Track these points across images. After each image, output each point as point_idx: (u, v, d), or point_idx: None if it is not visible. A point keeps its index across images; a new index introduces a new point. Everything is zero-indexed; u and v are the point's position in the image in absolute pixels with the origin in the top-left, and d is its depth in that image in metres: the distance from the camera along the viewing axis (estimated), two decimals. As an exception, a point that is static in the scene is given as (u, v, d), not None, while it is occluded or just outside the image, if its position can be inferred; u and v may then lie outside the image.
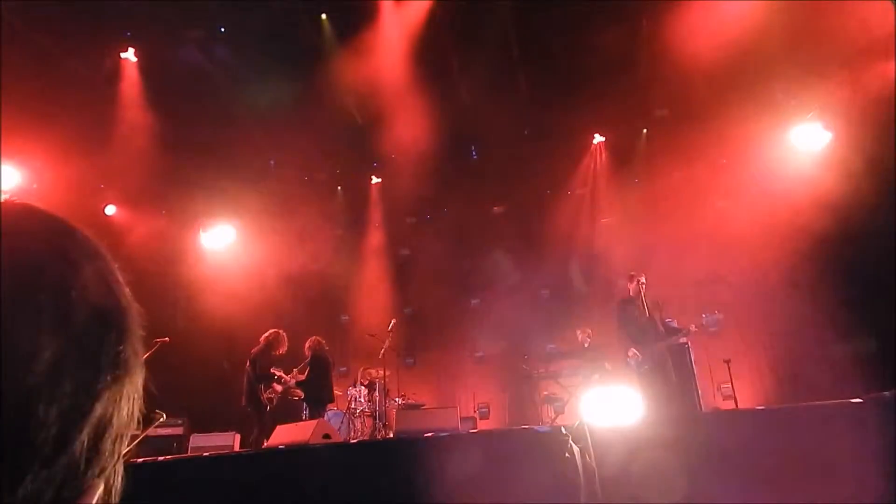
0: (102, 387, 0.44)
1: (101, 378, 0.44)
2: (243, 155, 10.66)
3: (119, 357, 0.46)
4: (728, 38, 7.85)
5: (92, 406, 0.43)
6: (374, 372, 8.49)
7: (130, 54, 9.10)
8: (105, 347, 0.45)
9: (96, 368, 0.44)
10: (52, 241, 0.46)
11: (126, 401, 0.46)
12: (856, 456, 3.20)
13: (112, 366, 0.45)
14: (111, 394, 0.45)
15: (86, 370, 0.43)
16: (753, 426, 3.85)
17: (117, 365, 0.45)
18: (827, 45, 7.15)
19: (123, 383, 0.46)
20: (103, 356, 0.45)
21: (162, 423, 2.75)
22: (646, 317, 6.84)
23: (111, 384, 0.45)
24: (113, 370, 0.45)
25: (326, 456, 4.12)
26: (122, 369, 0.46)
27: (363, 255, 11.45)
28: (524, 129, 10.96)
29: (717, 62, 8.17)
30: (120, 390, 0.46)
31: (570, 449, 3.31)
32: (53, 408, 0.40)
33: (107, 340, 0.45)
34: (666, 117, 10.18)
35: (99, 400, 0.43)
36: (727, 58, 8.11)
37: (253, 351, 7.55)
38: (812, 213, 8.05)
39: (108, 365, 0.45)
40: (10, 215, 0.45)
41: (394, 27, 8.93)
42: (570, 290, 10.17)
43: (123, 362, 0.46)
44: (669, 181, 9.77)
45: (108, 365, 0.45)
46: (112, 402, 0.45)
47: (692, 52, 8.01)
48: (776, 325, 8.63)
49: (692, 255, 8.82)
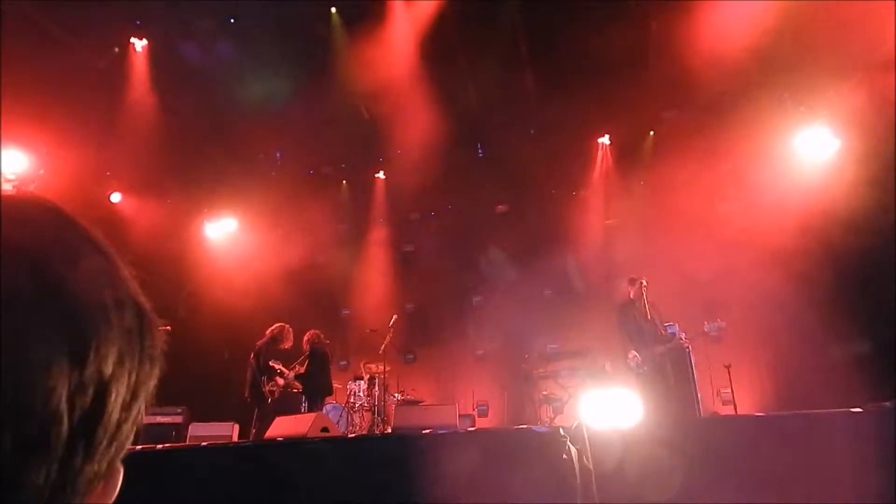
0: (125, 381, 0.44)
1: (123, 373, 0.44)
2: (249, 147, 10.68)
3: (145, 353, 0.47)
4: (737, 42, 7.82)
5: (112, 401, 0.43)
6: (374, 367, 8.51)
7: (139, 43, 9.10)
8: (138, 343, 0.46)
9: (150, 359, 0.46)
10: (65, 233, 0.46)
11: (143, 397, 0.47)
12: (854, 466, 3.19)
13: (137, 362, 0.46)
14: (130, 389, 0.45)
15: (110, 365, 0.43)
16: (751, 432, 3.85)
17: (142, 361, 0.46)
18: (836, 51, 7.12)
19: (144, 380, 0.47)
20: (137, 350, 0.46)
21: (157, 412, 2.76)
22: (646, 320, 6.84)
23: (132, 379, 0.45)
24: (137, 366, 0.46)
25: (324, 449, 4.13)
26: (146, 365, 0.47)
27: (366, 250, 11.45)
28: (530, 129, 10.93)
29: (726, 65, 8.14)
30: (139, 386, 0.46)
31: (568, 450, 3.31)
32: (77, 400, 0.40)
33: (138, 336, 0.46)
34: (673, 120, 10.14)
35: (119, 395, 0.44)
36: (735, 61, 8.08)
37: (258, 343, 7.58)
38: (817, 220, 8.03)
39: (132, 361, 0.45)
40: (18, 206, 0.45)
41: (403, 22, 8.92)
42: (571, 290, 10.16)
43: (149, 358, 0.47)
44: (675, 184, 9.73)
45: (132, 361, 0.45)
46: (130, 397, 0.45)
47: (700, 54, 7.97)
48: (778, 331, 8.60)
49: (695, 258, 8.79)
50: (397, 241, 11.64)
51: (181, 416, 8.38)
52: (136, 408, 0.46)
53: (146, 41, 9.10)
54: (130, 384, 0.45)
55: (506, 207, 11.50)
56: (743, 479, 3.42)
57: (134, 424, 0.46)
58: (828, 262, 7.82)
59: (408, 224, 11.78)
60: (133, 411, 0.45)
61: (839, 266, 7.74)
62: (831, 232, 7.87)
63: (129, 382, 0.45)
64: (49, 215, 0.47)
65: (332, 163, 11.78)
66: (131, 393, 0.45)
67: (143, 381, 0.46)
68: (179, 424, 8.19)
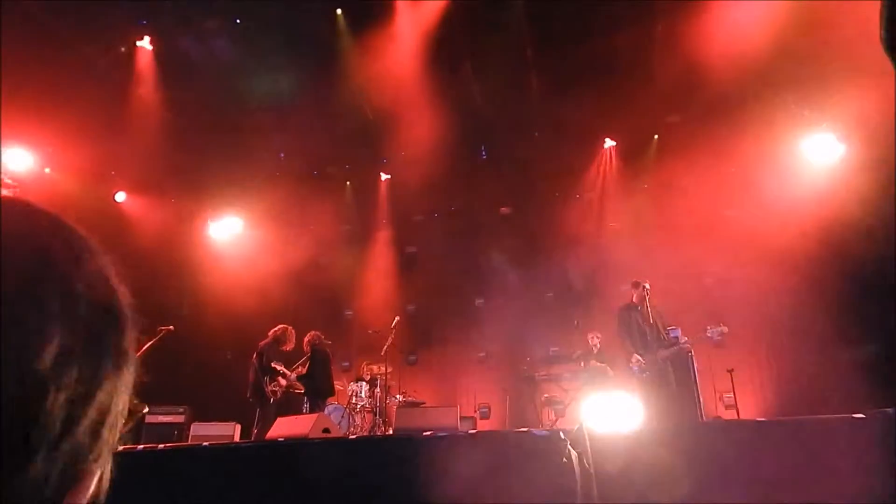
0: (105, 375, 0.46)
1: (105, 367, 0.46)
2: (253, 147, 10.70)
3: (120, 348, 0.48)
4: (742, 46, 7.81)
5: (96, 393, 0.44)
6: (375, 368, 8.51)
7: (145, 42, 9.13)
8: (108, 338, 0.47)
9: (100, 357, 0.46)
10: (54, 236, 0.47)
11: (124, 390, 0.48)
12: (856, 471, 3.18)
13: (114, 356, 0.47)
14: (112, 382, 0.46)
15: (91, 359, 0.44)
16: (753, 437, 3.83)
17: (119, 355, 0.47)
18: (842, 56, 7.10)
19: (123, 373, 0.48)
20: (107, 346, 0.46)
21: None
22: (649, 324, 6.83)
23: (113, 373, 0.46)
24: (115, 360, 0.47)
25: (325, 450, 4.13)
26: (122, 360, 0.48)
27: (369, 251, 11.46)
28: (535, 131, 10.94)
29: (731, 70, 8.13)
30: (119, 379, 0.47)
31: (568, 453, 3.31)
32: (62, 394, 0.42)
33: (110, 331, 0.47)
34: (678, 124, 10.14)
35: (102, 388, 0.45)
36: (741, 66, 8.07)
37: (260, 344, 7.59)
38: (822, 225, 8.01)
39: (111, 355, 0.47)
40: (11, 212, 0.46)
41: (408, 24, 8.94)
42: (574, 293, 10.15)
43: (124, 353, 0.48)
44: (679, 188, 9.73)
45: (111, 355, 0.47)
46: (112, 390, 0.46)
47: (706, 58, 7.97)
48: (781, 336, 8.58)
49: (699, 262, 8.78)
50: (400, 242, 11.64)
51: (183, 415, 8.40)
52: (93, 407, 0.44)
53: (151, 41, 9.14)
54: (122, 379, 0.47)
55: (509, 210, 11.49)
56: (745, 483, 3.41)
57: (100, 427, 0.45)
58: (832, 268, 7.81)
59: (411, 225, 11.78)
60: (88, 411, 0.44)
61: (843, 271, 7.72)
62: (836, 237, 7.85)
63: (121, 377, 0.47)
64: (45, 219, 0.48)
65: (336, 163, 11.80)
66: (122, 388, 0.47)
67: (100, 380, 0.46)
68: (181, 424, 8.21)
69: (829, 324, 7.66)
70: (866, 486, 3.11)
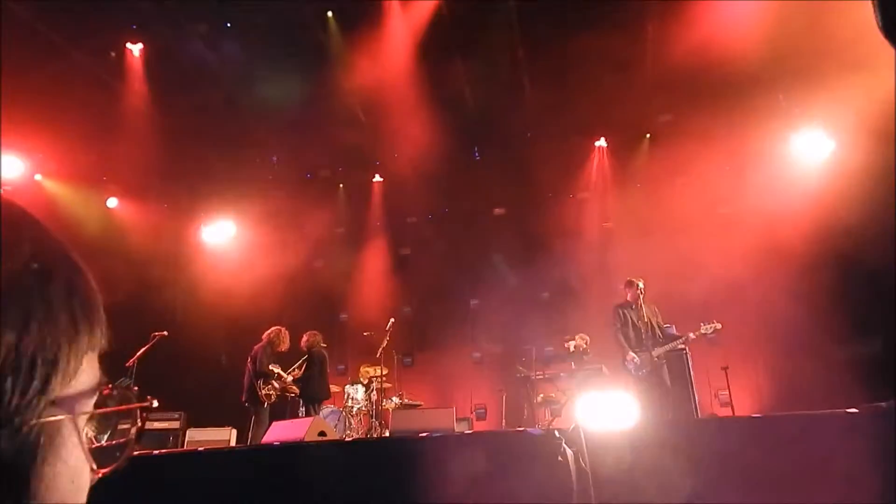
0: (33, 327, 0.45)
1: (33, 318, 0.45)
2: (246, 151, 10.67)
3: (53, 302, 0.47)
4: (732, 45, 7.86)
5: (18, 342, 0.44)
6: (371, 370, 8.49)
7: (136, 47, 9.10)
8: (37, 291, 0.46)
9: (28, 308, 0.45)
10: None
11: (30, 350, 0.46)
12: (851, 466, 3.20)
13: (45, 308, 0.46)
14: (40, 336, 0.45)
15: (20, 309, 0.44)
16: (748, 433, 3.86)
17: (50, 307, 0.47)
18: (831, 53, 7.16)
19: (58, 329, 0.47)
20: (35, 298, 0.46)
21: (156, 408, 2.76)
22: (643, 322, 6.86)
23: (41, 327, 0.45)
24: (46, 313, 0.46)
25: (321, 453, 4.13)
26: (55, 314, 0.47)
27: (363, 254, 11.45)
28: (527, 132, 10.96)
29: (722, 68, 8.19)
30: (52, 337, 0.46)
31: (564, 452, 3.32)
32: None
33: (38, 285, 0.46)
34: (669, 123, 10.18)
35: (27, 336, 0.44)
36: (731, 64, 8.12)
37: (255, 347, 7.56)
38: (813, 222, 8.06)
39: (41, 307, 0.46)
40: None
41: (399, 26, 8.95)
42: (569, 293, 10.16)
43: (52, 317, 0.47)
44: (672, 187, 9.77)
45: (41, 307, 0.46)
46: (41, 344, 0.45)
47: (697, 57, 8.01)
48: (775, 333, 8.62)
49: (692, 260, 8.82)
50: (394, 244, 11.63)
51: (178, 421, 8.36)
52: (33, 368, 0.45)
53: (143, 45, 9.10)
54: (59, 338, 0.46)
55: (503, 210, 11.51)
56: (741, 479, 3.43)
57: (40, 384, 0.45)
58: (824, 264, 7.86)
59: (405, 227, 11.77)
60: (35, 373, 0.45)
61: (836, 267, 7.78)
62: (828, 233, 7.91)
63: (56, 335, 0.46)
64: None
65: (329, 166, 11.79)
66: (60, 347, 0.47)
67: (76, 343, 0.47)
68: (177, 430, 8.17)
69: (824, 320, 7.71)
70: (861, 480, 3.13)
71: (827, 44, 7.00)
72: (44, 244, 0.49)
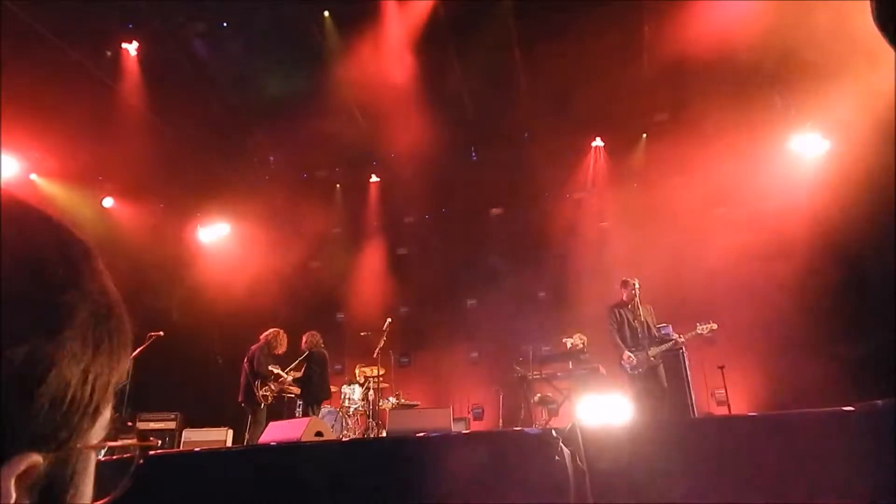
0: (59, 355, 0.44)
1: (61, 346, 0.44)
2: (243, 151, 10.65)
3: (85, 329, 0.47)
4: (729, 45, 7.88)
5: (47, 371, 0.43)
6: (368, 370, 8.48)
7: (132, 47, 9.06)
8: (64, 314, 0.46)
9: (58, 335, 0.44)
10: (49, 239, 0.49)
11: (92, 379, 0.47)
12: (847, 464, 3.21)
13: (80, 337, 0.46)
14: (71, 365, 0.45)
15: (44, 335, 0.44)
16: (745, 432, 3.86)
17: (85, 337, 0.46)
18: (826, 54, 7.17)
19: (88, 359, 0.47)
20: (65, 322, 0.45)
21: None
22: (639, 321, 6.87)
23: (72, 355, 0.45)
24: (82, 341, 0.46)
25: (318, 454, 4.12)
26: (90, 343, 0.47)
27: (360, 254, 11.44)
28: (524, 132, 10.97)
29: (718, 68, 8.21)
30: (85, 365, 0.46)
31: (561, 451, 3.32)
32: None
33: (66, 310, 0.46)
34: (666, 122, 10.21)
35: (55, 367, 0.44)
36: (728, 64, 8.14)
37: (252, 348, 7.55)
38: (809, 221, 8.09)
39: (71, 335, 0.45)
40: (8, 207, 0.46)
41: (396, 26, 8.94)
42: (566, 292, 10.17)
43: (95, 338, 0.47)
44: (668, 186, 9.80)
45: (71, 335, 0.45)
46: (70, 374, 0.45)
47: (693, 57, 8.03)
48: (772, 332, 8.65)
49: (689, 260, 8.84)
50: (391, 244, 11.63)
51: (175, 421, 8.35)
52: (90, 390, 0.46)
53: (138, 45, 9.07)
54: (90, 366, 0.47)
55: (500, 210, 11.52)
56: (738, 478, 3.44)
57: (92, 410, 0.47)
58: (820, 263, 7.88)
59: (402, 227, 11.78)
60: (94, 398, 0.46)
61: (832, 266, 7.80)
62: (823, 233, 7.93)
63: (87, 363, 0.47)
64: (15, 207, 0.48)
65: (326, 167, 11.78)
66: (90, 375, 0.47)
67: (107, 368, 0.48)
68: (173, 430, 8.16)
69: (820, 319, 7.73)
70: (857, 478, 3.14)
71: (825, 43, 7.02)
72: (105, 283, 0.52)
